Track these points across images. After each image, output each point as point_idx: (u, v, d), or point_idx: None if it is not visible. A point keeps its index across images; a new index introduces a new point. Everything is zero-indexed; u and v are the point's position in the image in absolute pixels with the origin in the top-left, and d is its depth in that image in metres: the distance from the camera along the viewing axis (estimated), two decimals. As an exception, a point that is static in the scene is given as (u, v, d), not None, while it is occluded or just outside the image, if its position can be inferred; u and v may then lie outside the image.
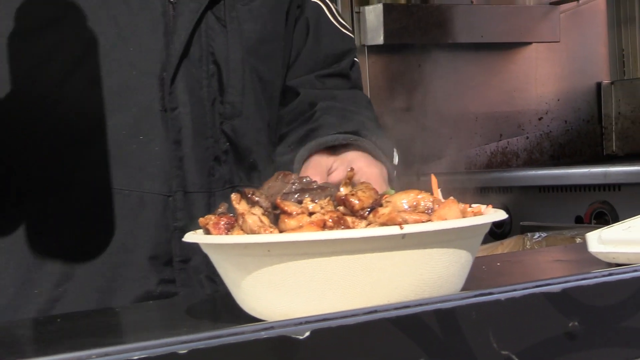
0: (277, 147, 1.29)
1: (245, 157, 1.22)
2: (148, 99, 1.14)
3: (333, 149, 1.18)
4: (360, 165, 1.13)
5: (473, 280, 0.83)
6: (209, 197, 1.17)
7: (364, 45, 3.15)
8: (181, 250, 1.15)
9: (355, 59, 1.40)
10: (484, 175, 3.12)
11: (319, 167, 1.15)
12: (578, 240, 2.09)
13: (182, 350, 0.57)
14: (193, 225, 0.87)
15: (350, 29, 1.42)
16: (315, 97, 1.30)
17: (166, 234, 1.15)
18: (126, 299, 1.09)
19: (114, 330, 0.80)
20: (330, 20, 1.38)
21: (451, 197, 0.83)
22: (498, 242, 2.20)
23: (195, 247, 1.15)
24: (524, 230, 2.40)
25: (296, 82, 1.34)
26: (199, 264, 1.16)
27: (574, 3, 3.63)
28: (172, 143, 1.15)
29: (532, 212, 2.73)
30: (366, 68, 3.17)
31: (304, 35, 1.34)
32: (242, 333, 0.60)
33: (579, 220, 2.65)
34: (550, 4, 3.57)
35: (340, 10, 3.09)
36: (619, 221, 2.50)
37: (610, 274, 0.78)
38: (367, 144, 1.17)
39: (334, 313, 0.65)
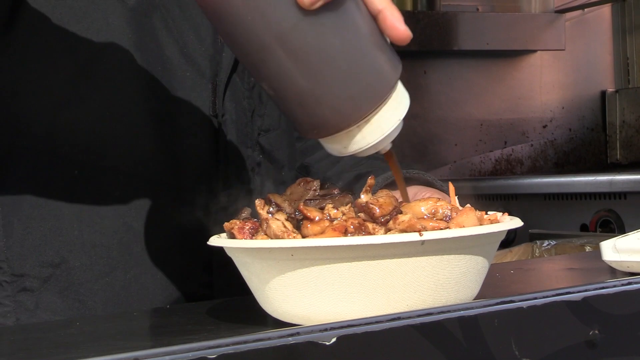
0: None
1: (276, 170, 1.23)
2: (200, 102, 1.14)
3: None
4: (428, 195, 1.13)
5: (489, 287, 0.83)
6: (248, 204, 1.17)
7: (369, 52, 3.15)
8: (220, 254, 1.15)
9: None
10: (488, 183, 3.12)
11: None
12: (587, 248, 2.09)
13: (212, 355, 0.57)
14: None
15: None
16: None
17: (206, 238, 1.15)
18: (166, 302, 1.08)
19: (137, 334, 0.80)
20: None
21: (468, 205, 0.84)
22: (507, 250, 2.21)
23: None
24: (532, 238, 2.40)
25: None
26: (235, 269, 1.16)
27: (579, 11, 3.64)
28: (219, 149, 1.15)
29: (537, 220, 2.73)
30: (372, 74, 3.17)
31: None
32: (269, 339, 0.61)
33: (584, 228, 2.65)
34: (556, 12, 3.58)
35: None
36: (624, 229, 2.49)
37: (629, 283, 0.78)
38: (425, 176, 1.18)
39: (358, 319, 0.66)
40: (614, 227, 2.56)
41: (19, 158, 1.09)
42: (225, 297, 1.12)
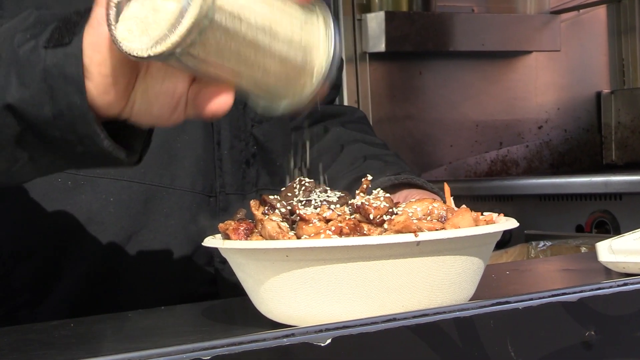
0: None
1: (272, 161, 1.24)
2: None
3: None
4: (419, 197, 1.14)
5: (485, 288, 0.83)
6: (242, 199, 1.18)
7: (365, 53, 3.16)
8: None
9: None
10: (483, 184, 3.12)
11: None
12: (583, 249, 2.09)
13: (206, 356, 0.57)
14: None
15: None
16: (338, 136, 1.33)
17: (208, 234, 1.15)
18: (170, 300, 1.08)
19: (130, 335, 0.80)
20: None
21: (463, 206, 0.84)
22: (502, 251, 2.20)
23: None
24: (528, 238, 2.40)
25: None
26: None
27: (575, 12, 3.64)
28: (214, 144, 1.17)
29: (533, 221, 2.73)
30: (367, 75, 3.18)
31: None
32: (264, 340, 0.60)
33: (579, 229, 2.65)
34: (551, 12, 3.58)
35: (342, 17, 3.12)
36: (620, 230, 2.49)
37: (625, 284, 0.78)
38: (414, 179, 1.18)
39: (354, 320, 0.65)
40: (610, 228, 2.56)
41: None
42: (229, 294, 1.12)
